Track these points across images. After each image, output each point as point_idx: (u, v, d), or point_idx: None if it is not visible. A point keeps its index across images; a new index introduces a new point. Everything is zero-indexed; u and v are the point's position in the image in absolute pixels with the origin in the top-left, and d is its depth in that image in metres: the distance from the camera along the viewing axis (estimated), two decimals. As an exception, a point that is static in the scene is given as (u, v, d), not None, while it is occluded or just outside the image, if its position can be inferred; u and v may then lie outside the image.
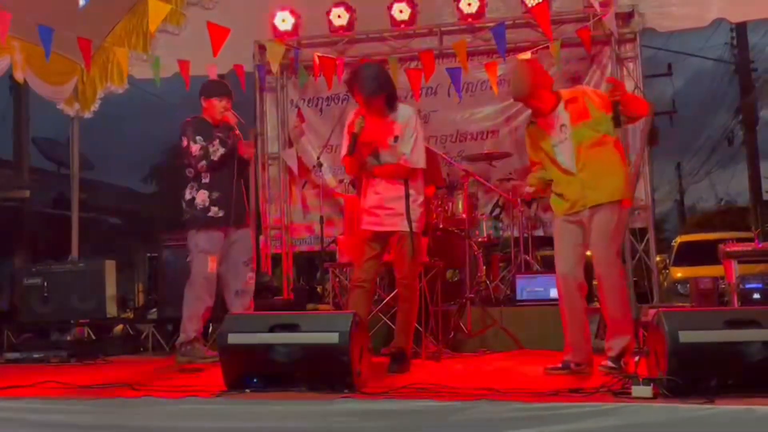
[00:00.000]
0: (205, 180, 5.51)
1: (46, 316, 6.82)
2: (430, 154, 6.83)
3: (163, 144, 21.89)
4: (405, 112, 4.94)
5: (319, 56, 7.51)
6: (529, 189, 4.83)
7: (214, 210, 5.48)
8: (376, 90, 4.79)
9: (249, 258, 5.69)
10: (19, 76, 7.20)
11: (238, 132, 5.63)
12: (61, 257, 7.85)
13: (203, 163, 5.46)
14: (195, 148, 5.48)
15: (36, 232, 13.16)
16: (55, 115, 8.69)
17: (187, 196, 5.54)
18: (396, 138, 4.84)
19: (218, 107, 5.60)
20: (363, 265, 4.94)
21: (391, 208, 4.86)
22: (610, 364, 4.38)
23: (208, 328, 7.02)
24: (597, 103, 4.53)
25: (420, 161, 4.89)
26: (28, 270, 7.09)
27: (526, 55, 7.30)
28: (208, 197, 5.48)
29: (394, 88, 4.96)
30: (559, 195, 4.66)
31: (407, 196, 4.84)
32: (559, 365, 4.55)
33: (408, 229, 4.81)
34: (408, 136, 4.86)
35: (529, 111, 4.93)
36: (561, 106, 4.59)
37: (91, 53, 7.25)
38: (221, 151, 5.47)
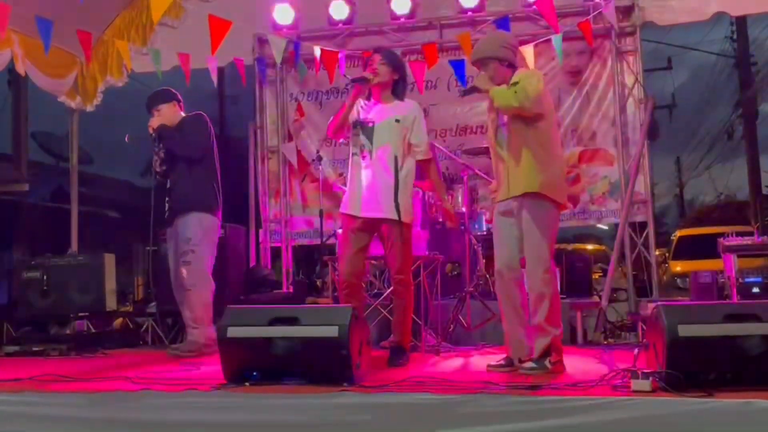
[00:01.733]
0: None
1: (45, 309, 6.82)
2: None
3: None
4: (412, 104, 5.00)
5: (321, 49, 7.50)
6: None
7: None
8: (399, 67, 4.96)
9: (183, 251, 5.66)
10: (20, 68, 7.19)
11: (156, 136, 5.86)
12: (60, 251, 7.83)
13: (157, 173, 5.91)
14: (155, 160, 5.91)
15: (35, 225, 13.16)
16: (53, 108, 8.67)
17: None
18: (398, 119, 4.85)
19: (166, 111, 5.94)
20: (350, 258, 4.86)
21: (380, 194, 4.79)
22: (531, 365, 4.26)
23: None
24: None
25: (429, 152, 4.98)
26: (27, 263, 7.07)
27: (529, 50, 7.28)
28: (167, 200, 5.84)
29: (406, 78, 5.08)
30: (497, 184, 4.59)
31: (396, 184, 4.78)
32: (502, 362, 4.49)
33: (396, 218, 4.76)
34: (418, 127, 4.90)
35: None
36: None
37: (91, 45, 7.24)
38: (158, 163, 5.85)
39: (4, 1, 6.11)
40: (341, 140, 5.11)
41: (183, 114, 5.98)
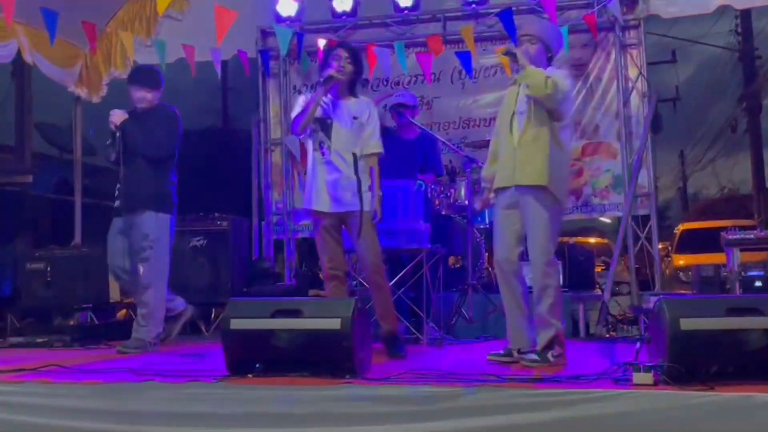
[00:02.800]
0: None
1: (48, 300, 6.84)
2: (431, 140, 6.86)
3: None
4: (367, 101, 5.05)
5: (326, 40, 7.50)
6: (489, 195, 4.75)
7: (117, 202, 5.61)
8: (360, 64, 4.98)
9: (140, 247, 5.51)
10: (27, 58, 7.19)
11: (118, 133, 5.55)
12: (64, 242, 7.85)
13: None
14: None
15: (39, 217, 13.16)
16: (57, 99, 8.68)
17: None
18: (355, 118, 4.88)
19: (132, 95, 5.69)
20: (330, 253, 4.91)
21: (342, 189, 4.81)
22: (533, 357, 4.28)
23: (211, 314, 7.09)
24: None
25: (379, 146, 4.94)
26: (30, 255, 7.09)
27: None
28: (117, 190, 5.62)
29: (362, 74, 5.13)
30: (499, 170, 4.59)
31: (358, 179, 4.80)
32: (501, 351, 4.53)
33: (360, 208, 4.78)
34: (373, 125, 4.93)
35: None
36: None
37: (96, 36, 7.24)
38: (113, 155, 5.56)
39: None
40: (302, 136, 5.09)
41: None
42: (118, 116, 5.51)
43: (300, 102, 4.95)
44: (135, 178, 5.52)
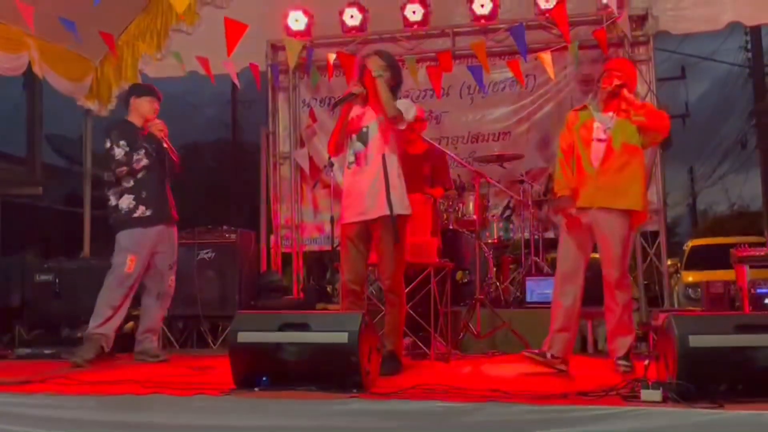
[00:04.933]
0: (128, 184, 5.52)
1: (57, 312, 6.85)
2: (439, 154, 6.86)
3: (176, 142, 21.98)
4: (403, 102, 4.99)
5: (337, 53, 7.52)
6: (571, 211, 4.83)
7: (141, 209, 5.51)
8: (397, 72, 4.93)
9: (173, 261, 5.71)
10: (38, 70, 7.24)
11: (167, 144, 5.64)
12: (73, 254, 7.87)
13: (123, 169, 5.48)
14: (119, 153, 5.48)
15: (48, 228, 13.23)
16: (67, 112, 8.74)
17: (112, 202, 5.57)
18: (381, 117, 4.83)
19: (145, 105, 5.64)
20: (351, 266, 4.85)
21: (373, 195, 4.76)
22: (625, 362, 4.59)
23: (218, 327, 7.08)
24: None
25: (408, 114, 4.84)
26: (39, 266, 7.11)
27: (548, 57, 7.32)
28: (134, 199, 5.51)
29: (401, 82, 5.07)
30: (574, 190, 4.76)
31: (387, 182, 4.73)
32: (536, 351, 4.74)
33: (388, 213, 4.71)
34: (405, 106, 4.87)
35: (541, 112, 4.98)
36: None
37: (114, 44, 7.27)
38: (144, 162, 5.51)
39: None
40: (338, 156, 5.09)
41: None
42: (163, 125, 5.63)
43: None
44: (161, 189, 5.63)
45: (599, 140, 4.66)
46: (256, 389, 3.75)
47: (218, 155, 23.19)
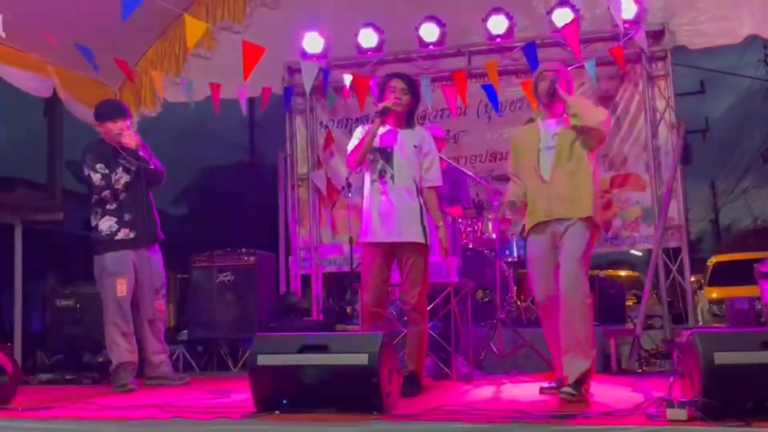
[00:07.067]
0: (111, 206, 5.47)
1: (77, 337, 6.86)
2: (458, 173, 6.84)
3: (194, 166, 22.12)
4: (425, 132, 5.04)
5: (353, 75, 7.55)
6: (515, 229, 4.74)
7: (124, 232, 5.47)
8: (417, 94, 4.99)
9: (160, 285, 5.62)
10: (61, 94, 7.31)
11: (143, 153, 5.55)
12: (93, 279, 7.88)
13: (106, 192, 5.44)
14: (96, 178, 5.43)
15: (69, 254, 13.29)
16: (88, 137, 8.79)
17: (92, 222, 5.55)
18: (416, 146, 4.85)
19: (114, 130, 5.54)
20: (374, 288, 4.79)
21: (405, 218, 4.75)
22: (570, 390, 4.18)
23: (238, 350, 7.06)
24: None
25: (439, 179, 4.94)
26: (60, 292, 7.14)
27: None
28: (116, 222, 5.45)
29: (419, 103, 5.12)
30: (530, 208, 4.59)
31: (420, 207, 4.77)
32: (554, 383, 4.54)
33: (423, 241, 4.74)
34: (433, 156, 4.90)
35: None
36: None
37: (130, 70, 7.33)
38: (125, 178, 5.45)
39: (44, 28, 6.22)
40: (358, 170, 5.07)
41: None
42: (135, 136, 5.58)
43: (357, 134, 4.93)
44: (147, 211, 5.57)
45: (548, 148, 4.50)
46: (276, 412, 3.73)
47: (236, 178, 23.30)
